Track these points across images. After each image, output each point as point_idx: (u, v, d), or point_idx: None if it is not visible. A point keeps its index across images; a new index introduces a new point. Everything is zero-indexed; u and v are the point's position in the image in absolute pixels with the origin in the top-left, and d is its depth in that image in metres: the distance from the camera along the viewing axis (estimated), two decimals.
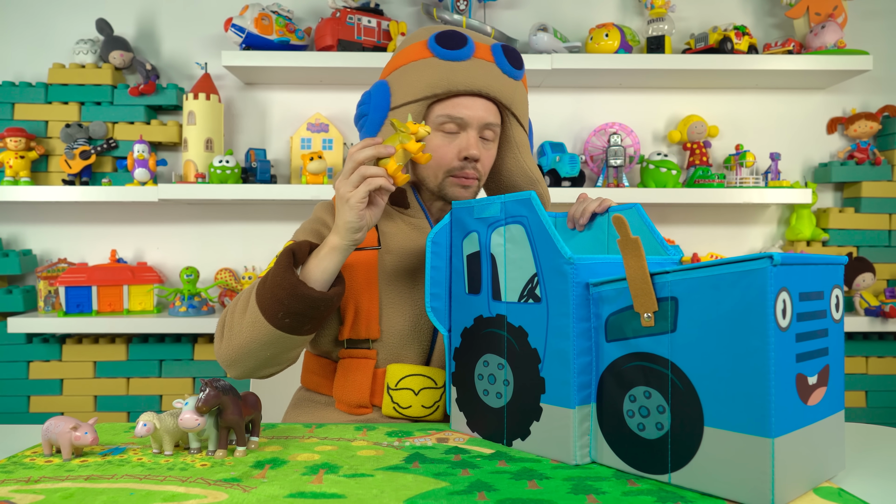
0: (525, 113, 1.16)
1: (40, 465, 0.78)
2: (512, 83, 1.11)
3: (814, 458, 0.70)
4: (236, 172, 1.94)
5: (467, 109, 1.07)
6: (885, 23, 2.19)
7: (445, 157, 1.08)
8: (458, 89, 1.06)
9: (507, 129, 1.14)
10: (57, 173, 2.06)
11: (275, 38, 1.96)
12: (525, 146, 1.17)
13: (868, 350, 2.08)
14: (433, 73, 1.07)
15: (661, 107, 2.20)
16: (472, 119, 1.08)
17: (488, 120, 1.09)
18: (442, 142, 1.08)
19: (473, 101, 1.08)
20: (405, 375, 1.05)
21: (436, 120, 1.08)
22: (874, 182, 2.11)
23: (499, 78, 1.08)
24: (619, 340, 0.76)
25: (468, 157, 1.07)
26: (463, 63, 1.07)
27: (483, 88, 1.07)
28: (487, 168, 1.13)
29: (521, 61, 1.13)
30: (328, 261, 0.96)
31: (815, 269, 0.69)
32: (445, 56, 1.06)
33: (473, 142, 1.08)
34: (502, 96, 1.09)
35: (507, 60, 1.10)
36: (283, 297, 0.93)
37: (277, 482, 0.72)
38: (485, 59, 1.08)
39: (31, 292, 2.04)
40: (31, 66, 2.12)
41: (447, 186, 1.10)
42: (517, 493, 0.69)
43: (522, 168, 1.16)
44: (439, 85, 1.06)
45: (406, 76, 1.09)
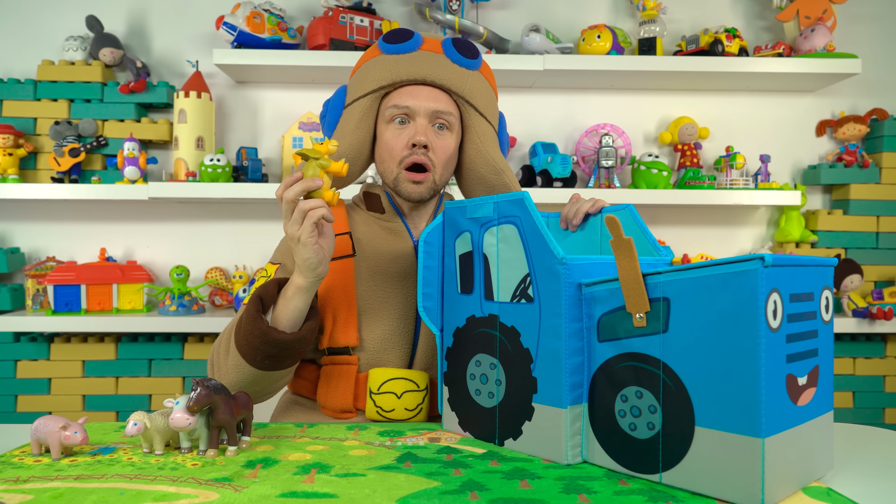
0: (488, 104, 1.15)
1: (29, 465, 0.77)
2: (462, 72, 1.11)
3: (803, 457, 0.70)
4: (227, 171, 1.94)
5: (413, 98, 1.09)
6: (873, 27, 2.21)
7: (396, 147, 1.10)
8: (402, 79, 1.09)
9: (465, 118, 1.14)
10: (46, 171, 2.04)
11: (267, 36, 1.95)
12: (488, 135, 1.15)
13: (855, 351, 2.10)
14: (380, 67, 1.10)
15: (653, 108, 2.21)
16: (419, 107, 1.08)
17: (437, 107, 1.09)
18: (393, 133, 1.10)
19: (420, 90, 1.09)
20: (387, 380, 1.05)
21: (385, 113, 1.10)
22: (862, 184, 2.13)
23: (446, 66, 1.10)
24: (611, 341, 0.76)
25: (416, 143, 1.08)
26: (408, 55, 1.10)
27: (428, 76, 1.08)
28: (443, 159, 1.11)
29: (474, 52, 1.13)
30: (296, 301, 0.97)
31: (806, 271, 0.70)
32: (391, 50, 1.10)
33: (421, 129, 1.08)
34: (451, 84, 1.10)
35: (456, 50, 1.11)
36: (257, 344, 0.96)
37: (269, 482, 0.72)
38: (432, 51, 1.11)
39: (18, 290, 2.03)
40: (19, 62, 2.10)
41: (401, 182, 1.10)
42: (509, 493, 0.69)
43: (485, 157, 1.14)
44: (385, 77, 1.09)
45: (358, 76, 1.13)
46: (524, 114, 2.19)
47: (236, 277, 2.02)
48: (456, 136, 1.13)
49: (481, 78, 1.14)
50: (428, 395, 1.07)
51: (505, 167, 1.16)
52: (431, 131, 1.10)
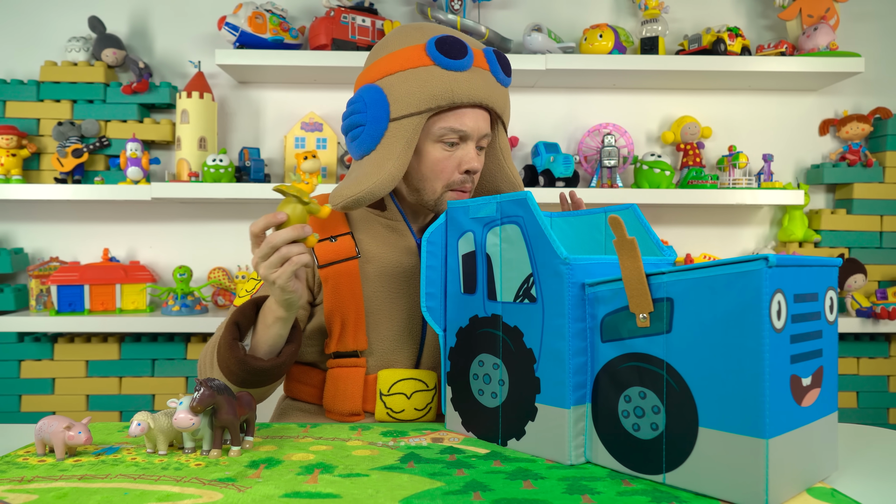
0: (509, 119, 1.15)
1: (33, 465, 0.77)
2: (505, 92, 1.10)
3: (807, 458, 0.70)
4: (230, 171, 1.94)
5: (471, 121, 1.05)
6: (876, 25, 2.21)
7: (445, 170, 1.06)
8: (462, 101, 1.02)
9: (495, 136, 1.13)
10: (49, 171, 2.04)
11: (269, 36, 1.95)
12: (509, 152, 1.16)
13: (859, 351, 2.10)
14: (436, 84, 1.01)
15: (655, 108, 2.21)
16: (474, 131, 1.06)
17: (486, 131, 1.08)
18: (442, 155, 1.06)
19: (474, 112, 1.05)
20: (397, 380, 1.05)
21: (437, 132, 1.04)
22: (866, 184, 2.12)
23: (496, 88, 1.07)
24: (614, 341, 0.76)
25: (469, 170, 1.06)
26: (464, 73, 1.02)
27: (484, 100, 1.04)
28: (479, 178, 1.12)
29: (510, 68, 1.11)
30: (276, 328, 0.96)
31: (810, 271, 0.70)
32: (448, 66, 1.01)
33: (474, 154, 1.07)
34: (497, 106, 1.08)
35: (500, 68, 1.07)
36: (236, 370, 0.95)
37: (272, 482, 0.72)
38: (482, 68, 1.05)
39: (22, 291, 2.03)
40: (22, 63, 2.10)
41: (443, 203, 1.08)
42: (512, 493, 0.69)
43: (506, 174, 1.15)
44: (443, 97, 1.01)
45: (405, 85, 1.02)
46: (526, 113, 2.18)
47: (239, 277, 2.02)
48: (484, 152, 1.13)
49: (508, 93, 1.14)
50: (437, 394, 1.07)
51: (520, 182, 1.17)
52: (478, 154, 1.09)
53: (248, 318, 0.99)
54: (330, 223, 1.10)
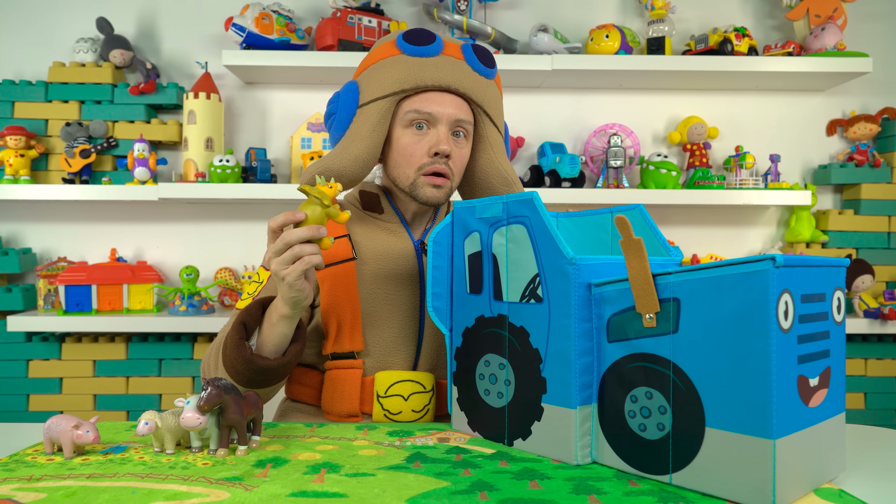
0: (499, 114, 1.15)
1: (42, 464, 0.78)
2: (483, 81, 1.09)
3: (815, 459, 0.70)
4: (236, 172, 1.94)
5: (437, 105, 1.06)
6: (884, 25, 2.20)
7: (416, 153, 1.07)
8: (426, 84, 1.05)
9: (479, 127, 1.12)
10: (57, 172, 2.06)
11: (275, 37, 1.96)
12: (500, 146, 1.15)
13: (867, 352, 2.09)
14: (401, 68, 1.05)
15: (661, 108, 2.20)
16: (442, 115, 1.06)
17: (459, 116, 1.07)
18: (412, 139, 1.07)
19: (443, 96, 1.06)
20: (394, 382, 1.05)
21: (405, 116, 1.07)
22: (873, 184, 2.11)
23: (469, 74, 1.07)
24: (620, 341, 0.76)
25: (438, 152, 1.05)
26: (431, 59, 1.06)
27: (452, 84, 1.06)
28: (460, 167, 1.11)
29: (492, 60, 1.11)
30: (281, 327, 0.97)
31: (817, 272, 0.70)
32: (413, 52, 1.06)
33: (444, 137, 1.06)
34: (473, 93, 1.08)
35: (477, 58, 1.08)
36: (242, 370, 0.96)
37: (279, 481, 0.72)
38: (454, 57, 1.07)
39: (30, 291, 2.04)
40: (31, 64, 2.11)
41: (419, 187, 1.08)
42: (518, 493, 0.69)
43: (497, 168, 1.14)
44: (407, 80, 1.05)
45: (374, 74, 1.08)
46: (532, 114, 2.18)
47: (245, 278, 2.03)
48: (470, 143, 1.13)
49: (495, 87, 1.13)
50: (434, 395, 1.07)
51: (515, 178, 1.16)
52: (451, 139, 1.08)
53: (255, 318, 1.00)
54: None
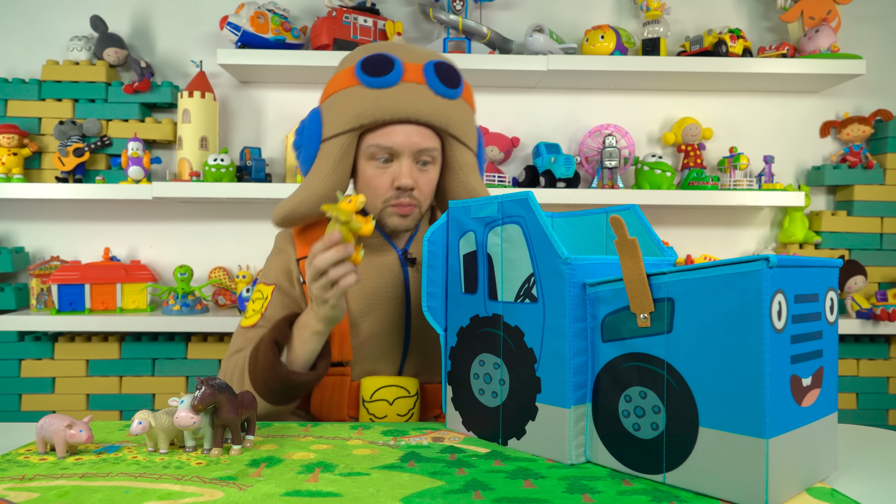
0: (468, 132, 1.11)
1: (35, 463, 0.77)
2: (447, 104, 1.06)
3: (807, 458, 0.70)
4: (231, 171, 1.94)
5: (397, 137, 1.04)
6: (878, 27, 2.21)
7: (380, 187, 1.07)
8: (384, 119, 1.03)
9: (447, 151, 1.10)
10: (50, 170, 2.05)
11: (270, 36, 1.96)
12: (470, 166, 1.12)
13: (859, 352, 2.10)
14: (359, 102, 1.03)
15: (656, 109, 2.21)
16: (404, 147, 1.04)
17: (422, 146, 1.05)
18: (375, 172, 1.07)
19: (403, 128, 1.04)
20: (379, 387, 1.08)
21: (367, 150, 1.06)
22: (866, 185, 2.12)
23: (431, 101, 1.04)
24: (615, 341, 0.76)
25: (401, 186, 1.05)
26: (390, 90, 1.03)
27: (412, 115, 1.03)
28: (427, 193, 1.10)
29: (457, 79, 1.08)
30: (313, 343, 0.99)
31: (811, 272, 0.70)
32: (370, 84, 1.03)
33: (406, 171, 1.05)
34: (436, 119, 1.05)
35: (439, 80, 1.05)
36: (276, 387, 0.98)
37: (273, 480, 0.72)
38: (414, 82, 1.04)
39: (23, 290, 2.03)
40: (24, 62, 2.10)
41: (386, 216, 1.09)
42: (513, 493, 0.69)
43: (468, 189, 1.12)
44: (366, 115, 1.03)
45: (335, 106, 1.06)
46: (527, 114, 2.19)
47: (240, 277, 2.02)
48: (438, 167, 1.11)
49: (463, 105, 1.10)
50: (418, 400, 1.10)
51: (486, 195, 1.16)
52: (415, 168, 1.07)
53: (285, 335, 1.02)
54: (315, 238, 1.12)
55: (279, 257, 1.16)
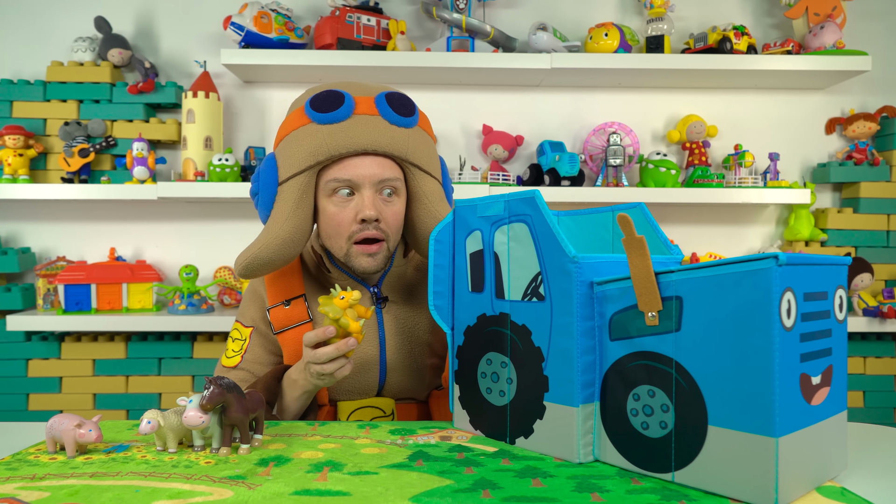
0: (430, 159, 1.09)
1: (45, 463, 0.78)
2: (403, 132, 1.04)
3: (817, 457, 0.70)
4: (235, 171, 1.94)
5: (356, 169, 1.02)
6: (883, 23, 2.20)
7: (343, 223, 1.03)
8: (340, 152, 1.01)
9: (409, 180, 1.07)
10: (56, 171, 2.05)
11: (274, 36, 1.96)
12: (436, 194, 1.09)
13: (866, 350, 2.09)
14: (312, 139, 1.01)
15: (661, 106, 2.20)
16: (363, 179, 1.02)
17: (383, 176, 1.03)
18: (336, 209, 1.04)
19: (361, 160, 1.02)
20: (355, 409, 1.11)
21: (326, 187, 1.03)
22: (872, 182, 2.11)
23: (385, 131, 1.02)
24: (623, 339, 0.76)
25: (365, 218, 1.02)
26: (342, 124, 1.01)
27: (368, 146, 1.01)
28: (395, 225, 1.06)
29: (411, 108, 1.06)
30: (304, 400, 1.04)
31: (820, 270, 0.70)
32: (322, 120, 1.01)
33: (368, 202, 1.02)
34: (393, 149, 1.03)
35: (392, 110, 1.03)
36: None
37: (282, 479, 0.72)
38: (367, 114, 1.02)
39: (29, 290, 2.04)
40: (29, 63, 2.11)
41: (353, 258, 1.05)
42: (521, 491, 0.69)
43: (437, 218, 1.07)
44: (320, 151, 1.01)
45: (288, 147, 1.04)
46: (531, 112, 2.18)
47: None
48: (403, 198, 1.08)
49: (421, 133, 1.07)
50: (394, 418, 1.12)
51: None
52: (379, 200, 1.04)
53: (274, 393, 1.05)
54: (286, 286, 1.13)
55: (254, 300, 1.16)
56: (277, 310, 1.12)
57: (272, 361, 1.14)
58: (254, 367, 1.13)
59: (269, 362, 1.14)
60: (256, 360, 1.13)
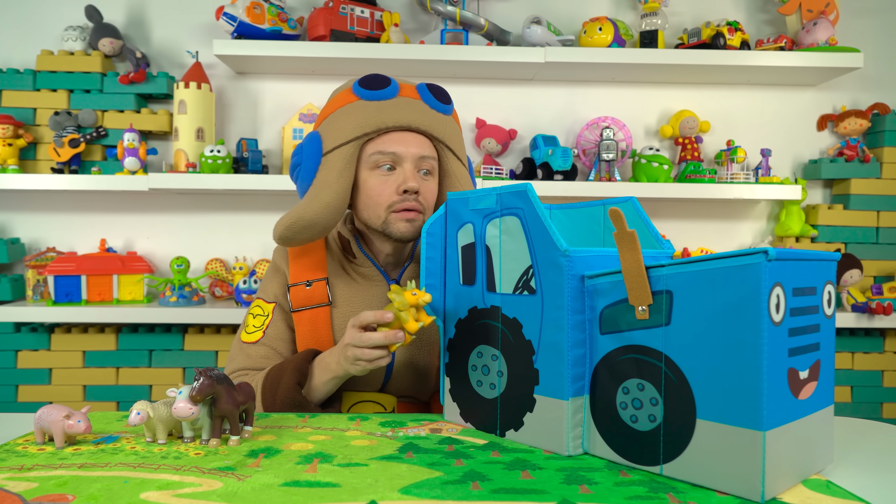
0: (460, 148, 1.17)
1: (33, 454, 0.77)
2: (441, 118, 1.12)
3: (803, 451, 0.70)
4: (227, 162, 1.93)
5: (400, 144, 1.09)
6: (876, 21, 2.21)
7: (384, 193, 1.09)
8: (387, 126, 1.08)
9: (443, 162, 1.15)
10: (45, 161, 2.04)
11: (267, 27, 1.95)
12: (465, 178, 1.16)
13: (854, 346, 2.11)
14: (361, 113, 1.08)
15: (654, 101, 2.21)
16: (406, 153, 1.09)
17: (423, 153, 1.10)
18: (379, 180, 1.09)
19: (405, 135, 1.09)
20: (356, 402, 1.11)
21: (370, 159, 1.09)
22: (863, 179, 2.12)
23: (427, 113, 1.11)
24: (613, 333, 0.76)
25: (407, 189, 1.07)
26: (389, 101, 1.09)
27: (413, 123, 1.09)
28: (431, 202, 1.13)
29: (447, 97, 1.14)
30: (332, 385, 1.04)
31: (809, 265, 0.70)
32: (371, 97, 1.09)
33: (410, 175, 1.08)
34: (433, 130, 1.11)
35: (433, 97, 1.12)
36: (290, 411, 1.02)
37: (272, 471, 0.72)
38: (411, 97, 1.11)
39: (19, 281, 2.03)
40: (18, 52, 2.09)
41: (391, 224, 1.10)
42: (510, 483, 0.70)
43: None
44: (368, 124, 1.08)
45: (335, 122, 1.10)
46: (525, 106, 2.18)
47: (236, 269, 2.02)
48: (437, 180, 1.15)
49: (454, 122, 1.16)
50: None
51: None
52: (418, 176, 1.10)
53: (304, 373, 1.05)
54: (310, 266, 1.15)
55: (276, 276, 1.19)
56: (298, 289, 1.14)
57: (293, 338, 1.16)
58: (276, 343, 1.14)
59: (290, 339, 1.16)
60: (279, 336, 1.15)
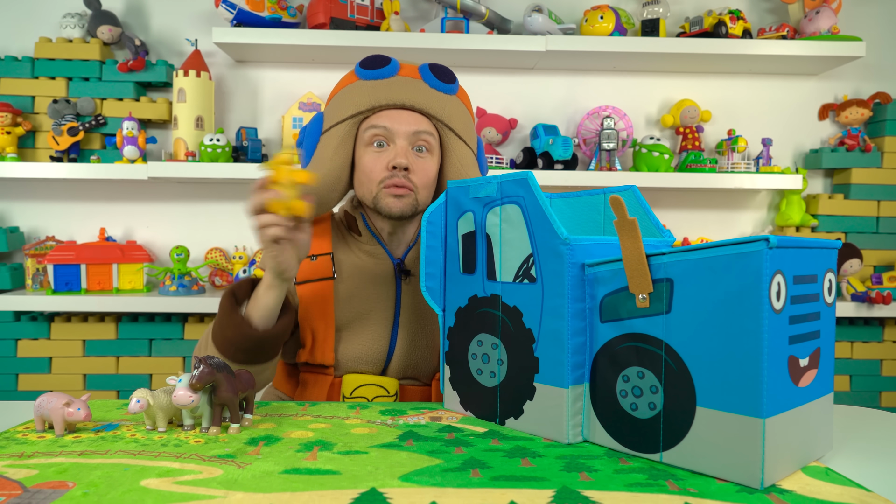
0: (466, 128, 1.15)
1: (33, 441, 0.77)
2: (441, 96, 1.11)
3: (803, 438, 0.71)
4: (227, 151, 1.93)
5: (392, 120, 1.09)
6: (878, 9, 2.20)
7: (375, 169, 1.09)
8: (380, 103, 1.09)
9: (445, 141, 1.13)
10: (44, 150, 2.03)
11: (266, 14, 1.93)
12: (469, 159, 1.15)
13: (854, 335, 2.11)
14: (358, 92, 1.10)
15: (655, 90, 2.20)
16: (398, 129, 1.09)
17: (418, 128, 1.09)
18: (372, 157, 1.10)
19: (399, 113, 1.10)
20: (359, 385, 1.10)
21: (364, 136, 1.10)
22: (864, 169, 2.12)
23: (425, 91, 1.11)
24: (613, 321, 0.76)
25: (396, 165, 1.07)
26: (386, 80, 1.10)
27: (407, 100, 1.09)
28: (424, 181, 1.11)
29: (451, 77, 1.14)
30: (266, 298, 0.99)
31: (810, 253, 0.70)
32: (368, 76, 1.11)
33: (401, 152, 1.08)
34: (430, 108, 1.10)
35: (433, 76, 1.12)
36: (232, 337, 0.98)
37: (272, 459, 0.72)
38: (410, 77, 1.11)
39: (18, 270, 2.02)
40: (16, 39, 2.08)
41: (381, 199, 1.09)
42: (510, 471, 0.70)
43: None
44: (363, 102, 1.09)
45: (335, 102, 1.13)
46: (525, 95, 2.17)
47: (236, 258, 2.02)
48: (436, 158, 1.13)
49: (459, 103, 1.15)
50: (397, 399, 1.12)
51: None
52: (411, 153, 1.10)
53: (244, 291, 1.03)
54: (316, 242, 1.15)
55: None
56: (303, 262, 1.13)
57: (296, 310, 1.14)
58: None
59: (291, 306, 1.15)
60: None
